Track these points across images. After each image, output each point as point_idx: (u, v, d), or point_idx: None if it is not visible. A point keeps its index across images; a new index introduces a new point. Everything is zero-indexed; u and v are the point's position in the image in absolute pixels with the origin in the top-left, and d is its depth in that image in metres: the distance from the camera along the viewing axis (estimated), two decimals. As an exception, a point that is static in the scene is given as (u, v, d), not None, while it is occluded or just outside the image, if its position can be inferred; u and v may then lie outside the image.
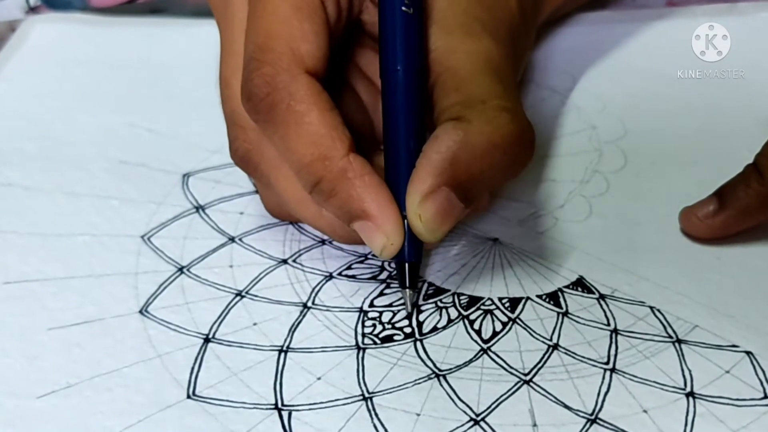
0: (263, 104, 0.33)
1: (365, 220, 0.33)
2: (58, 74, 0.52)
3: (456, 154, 0.32)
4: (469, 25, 0.36)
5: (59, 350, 0.34)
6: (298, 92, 0.33)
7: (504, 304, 0.37)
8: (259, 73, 0.33)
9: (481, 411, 0.32)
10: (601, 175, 0.44)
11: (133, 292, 0.37)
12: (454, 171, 0.32)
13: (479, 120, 0.33)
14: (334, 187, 0.33)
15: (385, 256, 0.33)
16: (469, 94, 0.34)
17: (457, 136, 0.32)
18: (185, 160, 0.45)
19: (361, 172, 0.33)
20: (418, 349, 0.35)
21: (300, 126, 0.33)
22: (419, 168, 0.32)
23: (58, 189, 0.43)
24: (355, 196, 0.33)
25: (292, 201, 0.36)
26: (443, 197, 0.32)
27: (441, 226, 0.33)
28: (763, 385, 0.33)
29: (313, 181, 0.33)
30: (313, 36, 0.34)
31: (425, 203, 0.32)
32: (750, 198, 0.38)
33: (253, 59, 0.34)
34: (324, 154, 0.33)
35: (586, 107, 0.49)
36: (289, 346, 0.35)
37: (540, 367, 0.34)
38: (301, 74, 0.33)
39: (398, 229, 0.33)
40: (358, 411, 0.32)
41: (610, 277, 0.38)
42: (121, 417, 0.32)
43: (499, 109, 0.33)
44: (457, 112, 0.33)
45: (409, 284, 0.35)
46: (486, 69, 0.35)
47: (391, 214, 0.33)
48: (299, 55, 0.34)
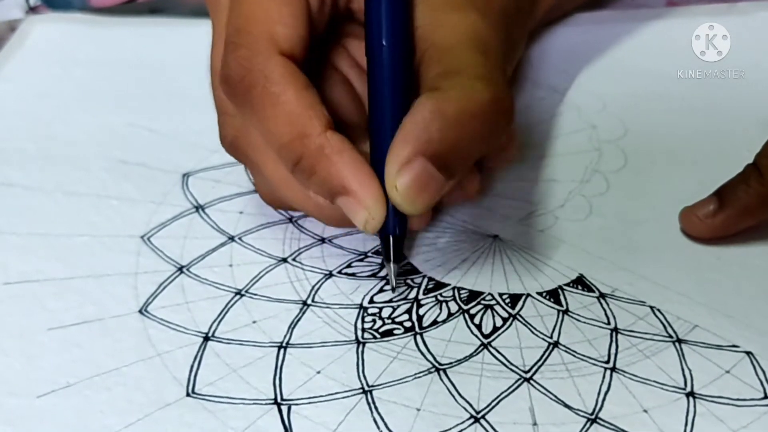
0: (240, 87, 0.34)
1: (346, 195, 0.33)
2: (58, 74, 0.52)
3: (430, 124, 0.32)
4: (456, 0, 0.36)
5: (59, 350, 0.34)
6: (273, 73, 0.33)
7: (504, 300, 0.37)
8: (234, 55, 0.34)
9: (482, 408, 0.32)
10: (601, 175, 0.44)
11: (133, 292, 0.37)
12: (429, 140, 0.32)
13: (453, 89, 0.33)
14: (313, 165, 0.33)
15: (368, 230, 0.33)
16: (448, 66, 0.34)
17: (430, 106, 0.32)
18: (185, 160, 0.45)
19: (339, 148, 0.33)
20: (418, 342, 0.35)
21: (276, 106, 0.33)
22: (395, 140, 0.32)
23: (58, 189, 0.43)
24: (335, 172, 0.33)
25: (279, 184, 0.36)
26: (419, 167, 0.32)
27: (419, 197, 0.33)
28: (763, 385, 0.33)
29: (293, 160, 0.33)
30: (290, 19, 0.34)
31: (401, 173, 0.32)
32: (750, 197, 0.38)
33: (231, 42, 0.34)
34: (301, 132, 0.33)
35: (586, 107, 0.49)
36: (289, 342, 0.35)
37: (540, 364, 0.34)
38: (276, 55, 0.34)
39: (379, 203, 0.33)
40: (357, 404, 0.32)
41: (610, 276, 0.38)
42: (121, 416, 0.32)
43: (474, 77, 0.33)
44: (434, 83, 0.33)
45: (393, 258, 0.35)
46: (467, 41, 0.34)
47: (372, 187, 0.33)
48: (275, 37, 0.34)
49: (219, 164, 0.44)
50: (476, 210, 0.41)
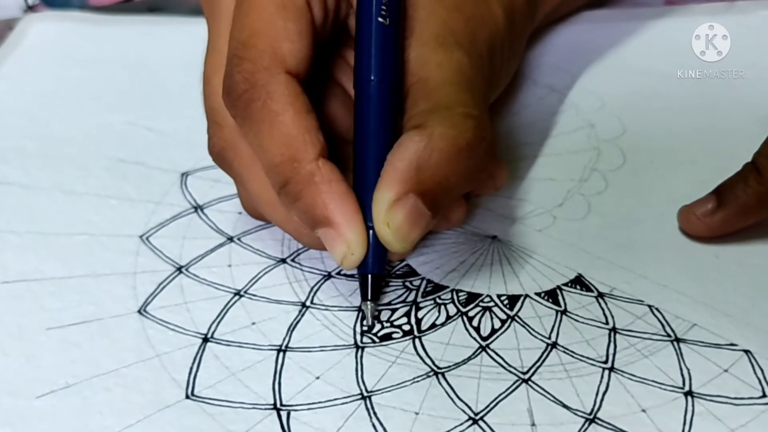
0: (241, 100, 0.34)
1: (328, 227, 0.33)
2: (56, 72, 0.52)
3: (420, 161, 0.32)
4: (444, 36, 0.36)
5: (58, 350, 0.34)
6: (276, 91, 0.33)
7: (503, 302, 0.37)
8: (239, 69, 0.34)
9: (480, 410, 0.32)
10: (599, 174, 0.44)
11: (132, 292, 0.37)
12: (420, 177, 0.32)
13: (442, 125, 0.33)
14: (300, 190, 0.33)
15: (346, 266, 0.33)
16: (435, 102, 0.34)
17: (420, 143, 0.32)
18: (184, 159, 0.45)
19: (328, 178, 0.33)
20: (416, 346, 0.35)
21: (274, 125, 0.33)
22: (385, 176, 0.32)
23: (57, 187, 0.43)
24: (320, 202, 0.33)
25: (263, 202, 0.36)
26: (411, 204, 0.32)
27: (410, 235, 0.33)
28: (761, 384, 0.33)
29: (280, 182, 0.33)
30: (296, 36, 0.34)
31: (393, 210, 0.32)
32: (748, 196, 0.38)
33: (235, 56, 0.34)
34: (294, 155, 0.33)
35: (585, 105, 0.49)
36: (288, 345, 0.35)
37: (539, 365, 0.34)
38: (281, 73, 0.33)
39: (361, 240, 0.33)
40: (356, 410, 0.32)
41: (608, 276, 0.38)
42: (120, 417, 0.32)
43: (463, 115, 0.33)
44: (422, 119, 0.33)
45: (371, 296, 0.35)
46: (455, 79, 0.35)
47: (355, 223, 0.33)
48: (281, 54, 0.34)
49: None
50: (475, 210, 0.41)
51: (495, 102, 0.48)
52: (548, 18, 0.54)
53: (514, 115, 0.48)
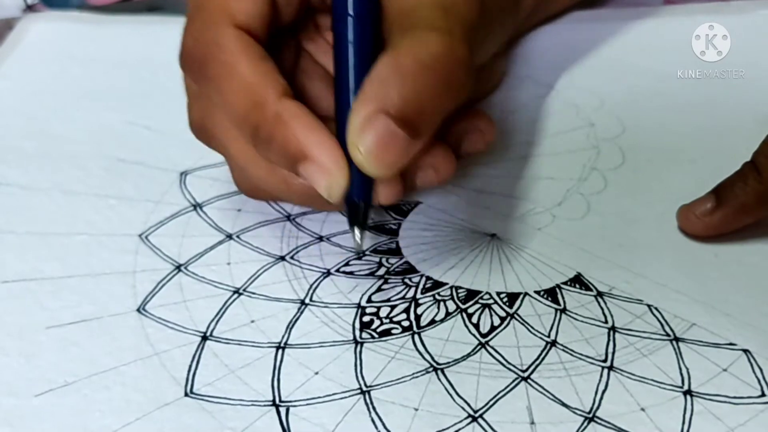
0: (194, 61, 0.34)
1: (306, 161, 0.32)
2: (55, 72, 0.52)
3: (387, 79, 0.31)
4: None
5: (57, 349, 0.34)
6: (227, 45, 0.33)
7: (502, 299, 0.37)
8: (189, 29, 0.34)
9: (480, 407, 0.32)
10: (598, 173, 0.44)
11: (131, 291, 0.37)
12: (387, 94, 0.31)
13: (407, 42, 0.32)
14: (271, 132, 0.32)
15: (333, 197, 0.33)
16: (408, 24, 0.33)
17: (388, 62, 0.32)
18: (183, 158, 0.45)
19: (296, 113, 0.32)
20: (415, 341, 0.35)
21: (231, 77, 0.33)
22: (356, 100, 0.32)
23: (56, 187, 0.43)
24: (292, 137, 0.32)
25: (246, 163, 0.35)
26: (381, 125, 0.31)
27: (384, 158, 0.31)
28: (760, 383, 0.33)
29: (250, 131, 0.33)
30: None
31: (363, 133, 0.31)
32: (747, 195, 0.38)
33: (188, 18, 0.35)
34: (257, 101, 0.32)
35: (584, 104, 0.49)
36: (287, 342, 0.35)
37: (538, 363, 0.34)
38: (229, 27, 0.33)
39: (341, 167, 0.32)
40: (356, 405, 0.32)
41: (607, 275, 0.38)
42: (119, 415, 0.32)
43: (428, 29, 0.32)
44: (393, 42, 0.33)
45: (360, 223, 0.34)
46: (434, 2, 0.33)
47: (331, 150, 0.32)
48: (229, 11, 0.34)
49: (217, 162, 0.44)
50: (474, 208, 0.41)
51: (495, 101, 0.48)
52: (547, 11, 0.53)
53: (513, 114, 0.48)
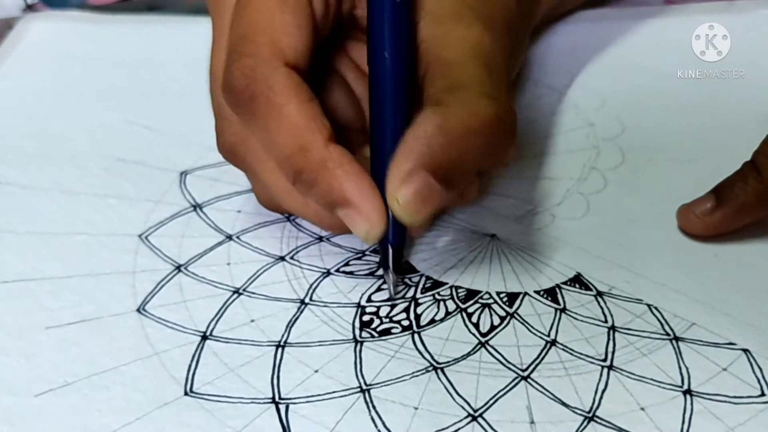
0: (242, 96, 0.34)
1: (347, 207, 0.33)
2: (55, 72, 0.52)
3: (433, 139, 0.32)
4: (461, 13, 0.35)
5: (57, 349, 0.34)
6: (277, 84, 0.33)
7: (502, 299, 0.37)
8: (238, 65, 0.34)
9: (479, 407, 0.32)
10: (598, 173, 0.44)
11: (131, 291, 0.37)
12: (432, 155, 0.32)
13: (456, 105, 0.32)
14: (315, 178, 0.33)
15: (370, 240, 0.34)
16: (452, 80, 0.33)
17: (434, 121, 0.32)
18: (183, 158, 0.45)
19: (340, 161, 0.33)
20: (415, 341, 0.35)
21: (279, 118, 0.33)
22: (398, 153, 0.32)
23: (56, 187, 0.43)
24: (336, 185, 0.33)
25: (280, 192, 0.36)
26: (421, 181, 0.32)
27: (420, 210, 0.33)
28: (760, 383, 0.33)
29: (294, 172, 0.33)
30: (295, 29, 0.34)
31: (403, 187, 0.32)
32: (747, 195, 0.38)
33: (235, 51, 0.34)
34: (303, 145, 0.33)
35: (584, 104, 0.49)
36: (287, 341, 0.35)
37: (538, 363, 0.34)
38: (281, 66, 0.33)
39: (380, 214, 0.33)
40: (355, 403, 0.32)
41: (607, 274, 0.38)
42: (119, 415, 0.32)
43: (478, 94, 0.33)
44: (438, 98, 0.33)
45: (393, 267, 0.36)
46: (473, 55, 0.34)
47: (372, 199, 0.33)
48: (279, 47, 0.34)
49: (217, 162, 0.44)
50: (474, 209, 0.41)
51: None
52: (549, 15, 0.53)
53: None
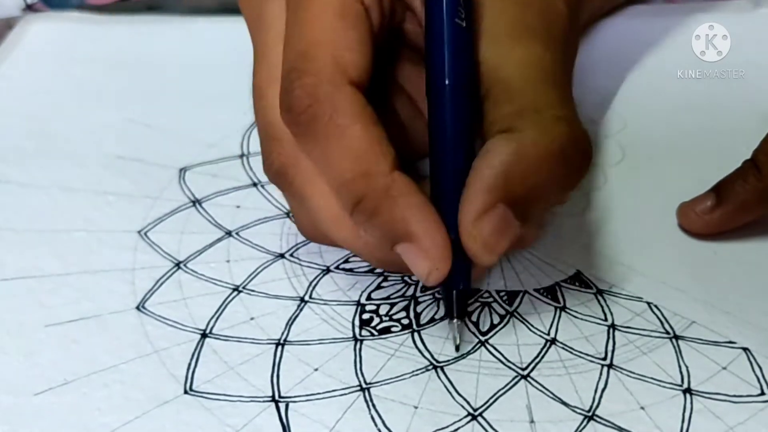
0: (304, 116, 0.31)
1: (409, 242, 0.31)
2: (55, 72, 0.52)
3: (510, 168, 0.30)
4: (519, 32, 0.34)
5: (56, 347, 0.34)
6: (342, 104, 0.31)
7: (502, 297, 0.37)
8: (300, 83, 0.31)
9: (479, 405, 0.32)
10: (599, 169, 0.44)
11: (130, 288, 0.37)
12: (509, 186, 0.30)
13: (533, 130, 0.31)
14: (376, 206, 0.31)
15: (431, 282, 0.31)
16: (521, 104, 0.32)
17: (510, 149, 0.30)
18: (182, 155, 0.45)
19: (406, 190, 0.31)
20: (415, 339, 0.35)
21: (342, 140, 0.31)
22: (471, 185, 0.30)
23: (55, 184, 0.43)
24: (399, 216, 0.30)
25: (328, 220, 0.33)
26: (500, 215, 0.30)
27: (497, 246, 0.31)
28: (760, 382, 0.33)
29: (354, 199, 0.31)
30: (357, 45, 0.32)
31: (481, 222, 0.30)
32: (747, 193, 0.38)
33: (294, 69, 0.32)
34: (366, 170, 0.31)
35: (585, 102, 0.49)
36: (287, 339, 0.35)
37: (537, 362, 0.34)
38: (345, 85, 0.31)
39: (445, 253, 0.31)
40: (355, 402, 0.32)
41: (607, 272, 0.38)
42: (119, 413, 0.32)
43: (554, 118, 0.31)
44: (509, 123, 0.31)
45: (458, 313, 0.33)
46: (539, 77, 0.32)
47: (438, 236, 0.31)
48: (343, 64, 0.31)
49: (216, 159, 0.44)
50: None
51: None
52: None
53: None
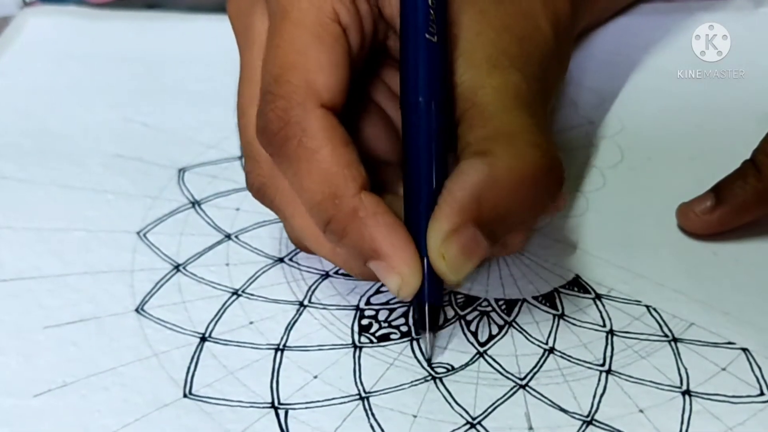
0: (276, 139, 0.32)
1: (378, 260, 0.32)
2: (53, 68, 0.52)
3: (482, 191, 0.31)
4: (497, 58, 0.34)
5: (55, 349, 0.34)
6: (311, 128, 0.32)
7: (500, 306, 0.36)
8: (273, 106, 0.32)
9: (478, 414, 0.32)
10: (597, 171, 0.44)
11: (130, 290, 0.37)
12: (480, 208, 0.31)
13: (507, 154, 0.31)
14: (345, 227, 0.32)
15: (402, 296, 0.32)
16: (496, 129, 0.32)
17: (483, 172, 0.31)
18: (181, 155, 0.45)
19: (373, 210, 0.32)
20: (414, 349, 0.35)
21: (311, 163, 0.32)
22: (442, 205, 0.31)
23: (54, 183, 0.43)
24: (367, 236, 0.31)
25: (308, 237, 0.34)
26: (468, 235, 0.31)
27: (465, 266, 0.31)
28: (759, 382, 0.33)
29: (324, 220, 0.32)
30: (331, 68, 0.32)
31: (449, 242, 0.31)
32: (747, 194, 0.38)
33: (268, 92, 0.33)
34: (334, 192, 0.32)
35: (584, 103, 0.49)
36: (286, 344, 0.35)
37: (536, 371, 0.34)
38: (316, 108, 0.32)
39: (414, 270, 0.32)
40: (354, 410, 0.32)
41: (606, 275, 0.38)
42: (118, 416, 0.32)
43: (528, 144, 0.32)
44: (484, 146, 0.31)
45: (429, 326, 0.33)
46: (515, 104, 0.33)
47: (406, 253, 0.31)
48: (315, 88, 0.32)
49: (215, 160, 0.44)
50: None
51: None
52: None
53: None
